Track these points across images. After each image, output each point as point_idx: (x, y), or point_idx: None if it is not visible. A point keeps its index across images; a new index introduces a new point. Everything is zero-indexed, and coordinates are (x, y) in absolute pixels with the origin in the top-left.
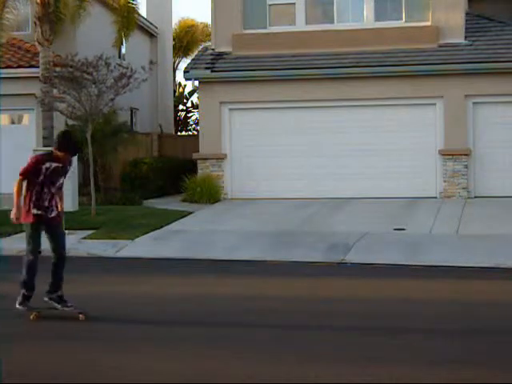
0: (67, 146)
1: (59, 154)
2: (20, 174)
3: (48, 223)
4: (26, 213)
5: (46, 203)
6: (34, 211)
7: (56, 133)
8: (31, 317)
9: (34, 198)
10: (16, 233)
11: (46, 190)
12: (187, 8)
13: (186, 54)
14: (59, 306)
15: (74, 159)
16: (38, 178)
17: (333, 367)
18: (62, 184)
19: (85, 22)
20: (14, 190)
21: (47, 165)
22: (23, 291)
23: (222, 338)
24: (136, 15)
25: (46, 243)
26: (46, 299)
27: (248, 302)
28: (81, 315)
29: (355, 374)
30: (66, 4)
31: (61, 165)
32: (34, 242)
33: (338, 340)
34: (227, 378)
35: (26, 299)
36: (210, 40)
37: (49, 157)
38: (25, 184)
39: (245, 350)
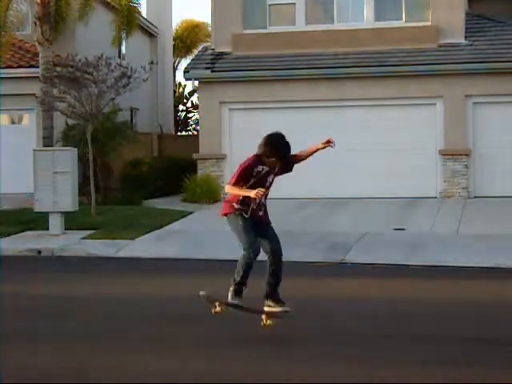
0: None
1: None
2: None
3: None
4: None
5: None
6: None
7: (56, 133)
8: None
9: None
10: (16, 233)
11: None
12: (187, 8)
13: (187, 54)
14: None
15: (75, 158)
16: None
17: (333, 367)
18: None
19: (86, 21)
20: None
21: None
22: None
23: (221, 337)
24: (137, 15)
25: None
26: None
27: (248, 302)
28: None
29: (356, 374)
30: (68, 3)
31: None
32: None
33: (337, 340)
34: (227, 377)
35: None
36: (208, 38)
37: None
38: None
39: (245, 350)
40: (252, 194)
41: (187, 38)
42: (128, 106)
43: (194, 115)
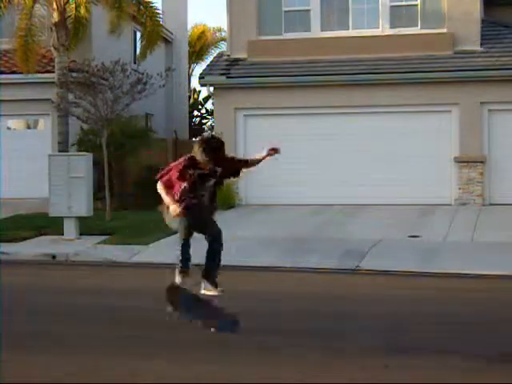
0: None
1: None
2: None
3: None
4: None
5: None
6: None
7: (71, 138)
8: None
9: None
10: (31, 237)
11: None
12: (198, 12)
13: (198, 60)
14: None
15: (90, 164)
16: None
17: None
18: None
19: (118, 34)
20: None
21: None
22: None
23: (226, 341)
24: (160, 28)
25: None
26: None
27: (261, 306)
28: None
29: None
30: (88, 10)
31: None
32: None
33: (346, 343)
34: (227, 378)
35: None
36: (219, 44)
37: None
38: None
39: (245, 352)
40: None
41: (197, 44)
42: (143, 112)
43: (209, 121)
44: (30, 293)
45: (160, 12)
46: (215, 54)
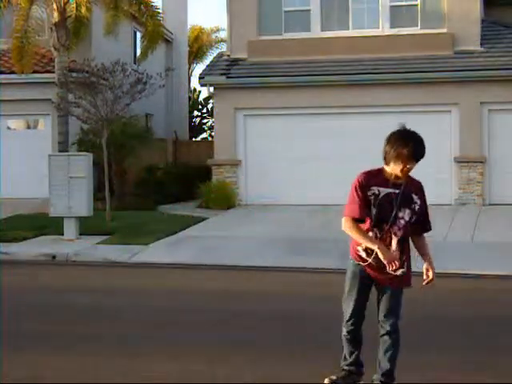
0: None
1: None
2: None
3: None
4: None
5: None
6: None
7: (71, 138)
8: None
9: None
10: (31, 237)
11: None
12: (194, 13)
13: (194, 60)
14: None
15: (90, 164)
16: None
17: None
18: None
19: (115, 34)
20: None
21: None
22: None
23: (229, 342)
24: (161, 28)
25: None
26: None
27: (260, 308)
28: None
29: None
30: (89, 9)
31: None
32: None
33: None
34: (227, 378)
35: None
36: (218, 44)
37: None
38: None
39: (243, 352)
40: (379, 252)
41: (194, 45)
42: (143, 112)
43: (209, 121)
44: (30, 293)
45: (160, 11)
46: (215, 54)
